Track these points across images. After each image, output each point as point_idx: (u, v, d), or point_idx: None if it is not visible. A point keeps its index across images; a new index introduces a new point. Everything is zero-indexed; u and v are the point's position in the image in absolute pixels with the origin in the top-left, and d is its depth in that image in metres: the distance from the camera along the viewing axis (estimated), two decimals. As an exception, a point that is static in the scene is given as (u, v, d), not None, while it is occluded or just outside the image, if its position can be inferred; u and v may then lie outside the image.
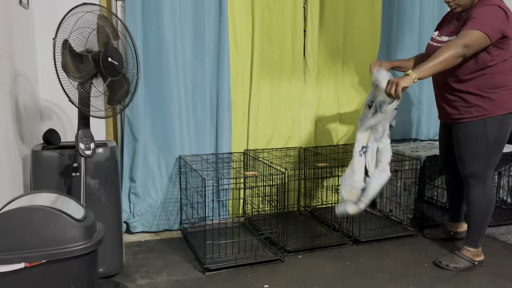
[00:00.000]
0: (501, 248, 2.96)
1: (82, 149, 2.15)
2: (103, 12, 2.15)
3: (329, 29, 3.57)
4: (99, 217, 2.27)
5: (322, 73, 3.61)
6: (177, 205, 3.27)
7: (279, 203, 2.84)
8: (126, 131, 3.10)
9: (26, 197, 1.74)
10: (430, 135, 4.05)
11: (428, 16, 3.85)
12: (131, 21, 2.95)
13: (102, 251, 2.31)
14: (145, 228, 3.18)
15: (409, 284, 2.45)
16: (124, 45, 2.28)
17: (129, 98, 2.32)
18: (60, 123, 3.04)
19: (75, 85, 2.06)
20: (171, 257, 2.80)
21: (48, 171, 2.29)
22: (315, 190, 3.59)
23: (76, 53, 2.04)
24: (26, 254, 1.54)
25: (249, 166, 3.32)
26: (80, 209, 1.77)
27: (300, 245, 2.92)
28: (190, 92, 3.23)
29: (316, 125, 3.66)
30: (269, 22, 3.37)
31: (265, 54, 3.40)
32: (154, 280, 2.48)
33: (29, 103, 2.67)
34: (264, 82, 3.43)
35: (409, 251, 2.90)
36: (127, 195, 3.16)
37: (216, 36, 3.24)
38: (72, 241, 1.61)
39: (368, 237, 3.04)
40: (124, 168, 3.13)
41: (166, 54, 3.08)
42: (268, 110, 3.47)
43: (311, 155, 3.48)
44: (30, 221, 1.56)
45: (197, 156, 3.25)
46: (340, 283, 2.46)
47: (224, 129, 3.30)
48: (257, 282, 2.46)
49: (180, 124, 3.19)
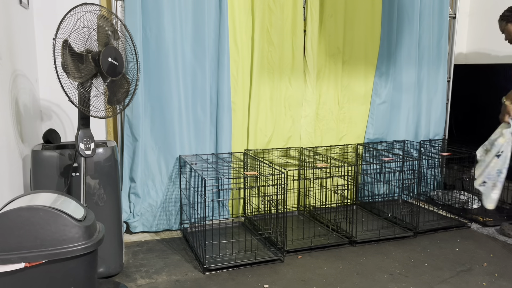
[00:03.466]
0: (500, 248, 2.96)
1: (82, 149, 2.15)
2: (103, 12, 2.15)
3: (329, 29, 3.57)
4: (99, 217, 2.28)
5: (322, 73, 3.62)
6: (177, 205, 3.27)
7: (279, 203, 2.84)
8: (126, 131, 3.10)
9: (26, 197, 1.74)
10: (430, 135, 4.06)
11: (428, 16, 3.85)
12: (131, 21, 2.95)
13: (102, 251, 2.32)
14: (145, 228, 3.18)
15: (409, 284, 2.45)
16: (124, 45, 2.28)
17: (129, 98, 2.32)
18: (60, 123, 3.04)
19: (75, 85, 2.06)
20: (171, 257, 2.80)
21: (48, 171, 2.29)
22: (315, 190, 3.60)
23: (76, 53, 2.04)
24: (26, 254, 1.54)
25: (249, 166, 3.32)
26: (80, 209, 1.77)
27: (299, 245, 2.92)
28: (190, 92, 3.23)
29: (316, 125, 3.66)
30: (269, 22, 3.37)
31: (265, 54, 3.40)
32: (154, 280, 2.48)
33: (29, 103, 2.67)
34: (264, 82, 3.43)
35: (409, 251, 2.90)
36: (127, 195, 3.16)
37: (216, 36, 3.24)
38: (72, 241, 1.61)
39: (367, 237, 3.05)
40: (124, 168, 3.13)
41: (166, 54, 3.08)
42: (268, 110, 3.47)
43: (311, 155, 3.48)
44: (30, 221, 1.56)
45: (197, 156, 3.25)
46: (340, 283, 2.46)
47: (224, 129, 3.31)
48: (257, 282, 2.46)
49: (180, 124, 3.19)
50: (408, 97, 3.89)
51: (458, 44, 4.18)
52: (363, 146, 3.75)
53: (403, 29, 3.78)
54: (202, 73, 3.23)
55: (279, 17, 3.38)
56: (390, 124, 3.89)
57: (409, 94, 3.88)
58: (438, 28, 3.92)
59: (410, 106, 3.91)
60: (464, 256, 2.82)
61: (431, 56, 3.94)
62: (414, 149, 3.95)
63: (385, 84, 3.79)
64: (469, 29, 4.18)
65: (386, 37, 3.74)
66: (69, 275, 1.63)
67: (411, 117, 3.95)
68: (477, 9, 4.10)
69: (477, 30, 4.11)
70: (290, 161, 3.54)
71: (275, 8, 3.36)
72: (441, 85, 4.02)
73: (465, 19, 4.18)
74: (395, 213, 3.44)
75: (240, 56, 3.31)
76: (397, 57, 3.79)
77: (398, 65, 3.80)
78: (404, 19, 3.77)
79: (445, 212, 3.63)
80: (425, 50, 3.90)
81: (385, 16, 3.72)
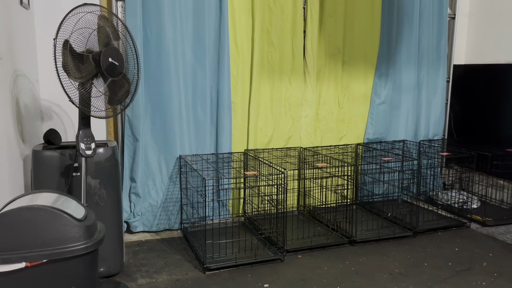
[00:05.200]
0: (500, 247, 2.96)
1: (83, 149, 2.16)
2: (104, 13, 2.15)
3: (329, 29, 3.58)
4: (100, 217, 2.28)
5: (322, 73, 3.62)
6: (177, 204, 3.27)
7: (279, 203, 2.85)
8: (127, 131, 3.10)
9: (27, 197, 1.75)
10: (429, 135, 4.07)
11: (427, 17, 3.86)
12: (131, 21, 2.96)
13: (103, 250, 2.32)
14: (146, 228, 3.18)
15: (408, 283, 2.46)
16: (124, 45, 2.28)
17: (130, 98, 2.33)
18: (61, 123, 3.05)
19: (76, 85, 2.07)
20: (172, 256, 2.80)
21: (48, 171, 2.30)
22: (314, 190, 3.60)
23: (77, 53, 2.04)
24: (27, 253, 1.55)
25: (249, 166, 3.32)
26: (81, 209, 1.78)
27: (299, 245, 2.92)
28: (190, 92, 3.23)
29: (316, 125, 3.66)
30: (269, 23, 3.38)
31: (265, 54, 3.41)
32: (154, 279, 2.49)
33: (30, 103, 2.67)
34: (264, 82, 3.43)
35: (409, 251, 2.91)
36: (128, 195, 3.17)
37: (216, 36, 3.24)
38: (72, 241, 1.61)
39: (366, 237, 3.05)
40: (124, 168, 3.14)
41: (166, 54, 3.08)
42: (268, 110, 3.48)
43: (311, 155, 3.48)
44: (31, 220, 1.57)
45: (197, 156, 3.25)
46: (340, 282, 2.47)
47: (224, 129, 3.31)
48: (257, 282, 2.46)
49: (180, 124, 3.20)
50: (408, 97, 3.89)
51: (458, 44, 4.19)
52: (363, 146, 3.76)
53: (403, 30, 3.79)
54: (202, 73, 3.23)
55: (279, 18, 3.38)
56: (390, 124, 3.89)
57: (409, 94, 3.89)
58: (437, 29, 3.93)
59: (410, 106, 3.92)
60: (464, 256, 2.82)
61: (431, 57, 3.95)
62: (413, 149, 3.96)
63: (384, 84, 3.79)
64: (469, 29, 4.19)
65: (386, 37, 3.75)
66: (69, 275, 1.63)
67: (411, 117, 3.95)
68: (476, 10, 4.11)
69: (476, 31, 4.12)
70: (290, 161, 3.54)
71: (275, 9, 3.36)
72: (440, 85, 4.03)
73: (464, 20, 4.18)
74: (394, 213, 3.45)
75: (240, 57, 3.31)
76: (397, 58, 3.80)
77: (397, 65, 3.81)
78: (403, 20, 3.78)
79: (445, 212, 3.64)
80: (425, 50, 3.91)
81: (385, 16, 3.72)
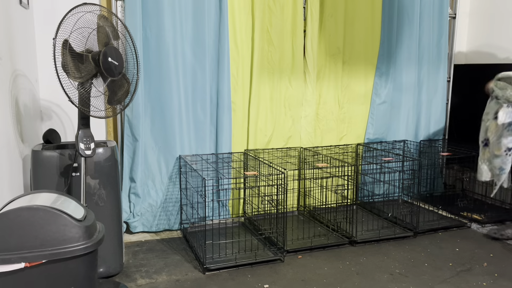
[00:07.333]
0: (500, 248, 2.96)
1: (82, 149, 2.15)
2: (103, 12, 2.15)
3: (329, 29, 3.57)
4: (99, 217, 2.28)
5: (322, 73, 3.62)
6: (177, 205, 3.27)
7: (279, 203, 2.84)
8: (126, 131, 3.10)
9: (26, 197, 1.74)
10: (430, 135, 4.06)
11: (428, 16, 3.85)
12: (131, 21, 2.95)
13: (102, 251, 2.32)
14: (145, 228, 3.18)
15: (409, 284, 2.45)
16: (124, 45, 2.28)
17: (129, 98, 2.32)
18: (60, 123, 3.04)
19: (75, 85, 2.06)
20: (171, 257, 2.80)
21: (48, 171, 2.29)
22: (315, 190, 3.60)
23: (76, 53, 2.04)
24: (26, 254, 1.54)
25: (249, 166, 3.32)
26: (80, 209, 1.77)
27: (299, 245, 2.92)
28: (190, 92, 3.23)
29: (316, 125, 3.66)
30: (269, 22, 3.37)
31: (265, 54, 3.40)
32: (154, 280, 2.49)
33: (29, 103, 2.67)
34: (264, 82, 3.43)
35: (409, 251, 2.90)
36: (127, 195, 3.16)
37: (216, 36, 3.24)
38: (72, 241, 1.61)
39: (367, 237, 3.05)
40: (124, 168, 3.13)
41: (166, 54, 3.08)
42: (268, 110, 3.47)
43: (311, 155, 3.48)
44: (30, 221, 1.56)
45: (197, 156, 3.25)
46: (340, 283, 2.47)
47: (224, 129, 3.31)
48: (257, 282, 2.46)
49: (180, 124, 3.19)
50: (408, 97, 3.89)
51: (458, 44, 4.18)
52: (363, 146, 3.75)
53: (403, 29, 3.78)
54: (202, 73, 3.23)
55: (279, 17, 3.38)
56: (390, 124, 3.89)
57: (409, 94, 3.88)
58: (438, 28, 3.92)
59: (410, 106, 3.91)
60: (464, 256, 2.82)
61: (431, 56, 3.94)
62: (414, 149, 3.95)
63: (385, 84, 3.79)
64: (469, 29, 4.18)
65: (386, 37, 3.74)
66: (69, 275, 1.63)
67: (411, 117, 3.95)
68: (477, 9, 4.10)
69: (477, 30, 4.11)
70: (290, 161, 3.54)
71: (275, 8, 3.36)
72: (441, 85, 4.02)
73: (465, 19, 4.18)
74: (395, 213, 3.44)
75: (240, 56, 3.31)
76: (397, 57, 3.79)
77: (398, 65, 3.80)
78: (404, 19, 3.77)
79: (445, 212, 3.63)
80: (425, 50, 3.90)
81: (385, 16, 3.72)
